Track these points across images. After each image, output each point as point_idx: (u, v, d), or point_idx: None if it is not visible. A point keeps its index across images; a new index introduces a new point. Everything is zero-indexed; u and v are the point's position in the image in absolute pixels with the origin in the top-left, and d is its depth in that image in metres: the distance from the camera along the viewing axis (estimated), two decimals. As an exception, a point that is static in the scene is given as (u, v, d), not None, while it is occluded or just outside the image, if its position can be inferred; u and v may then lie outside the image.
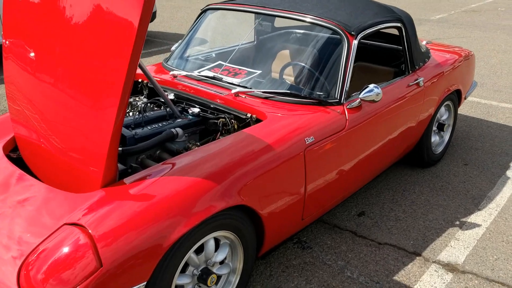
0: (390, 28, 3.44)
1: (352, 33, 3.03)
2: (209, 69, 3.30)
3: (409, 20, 3.61)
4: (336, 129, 2.82)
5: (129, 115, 2.99)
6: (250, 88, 2.98)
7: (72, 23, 2.20)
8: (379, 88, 2.95)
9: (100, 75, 2.08)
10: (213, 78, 3.13)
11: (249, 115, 2.77)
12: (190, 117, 2.93)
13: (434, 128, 4.15)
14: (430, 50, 4.18)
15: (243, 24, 4.47)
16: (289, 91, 2.90)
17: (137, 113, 2.93)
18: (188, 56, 3.68)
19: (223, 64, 3.32)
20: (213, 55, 3.87)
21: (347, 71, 2.97)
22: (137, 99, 3.17)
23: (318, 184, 2.77)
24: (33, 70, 2.42)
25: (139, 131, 2.68)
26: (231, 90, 2.98)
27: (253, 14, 3.66)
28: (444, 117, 4.31)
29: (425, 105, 3.75)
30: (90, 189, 2.14)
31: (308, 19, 3.14)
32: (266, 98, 2.90)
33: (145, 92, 3.33)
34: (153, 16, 8.59)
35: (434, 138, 4.22)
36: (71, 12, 2.20)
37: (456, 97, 4.33)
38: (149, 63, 7.38)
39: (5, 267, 1.94)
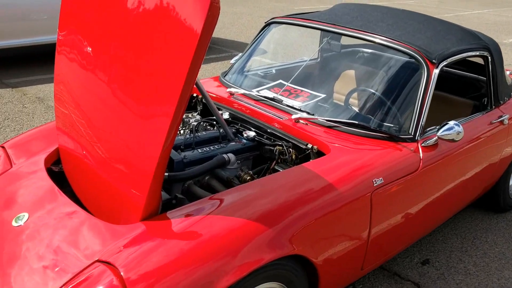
0: (476, 57, 3.05)
1: (434, 61, 2.67)
2: (268, 89, 3.03)
3: (497, 49, 3.21)
4: (408, 170, 2.47)
5: (180, 133, 2.76)
6: (313, 115, 2.67)
7: (131, 19, 1.97)
8: (460, 126, 2.58)
9: (155, 81, 1.83)
10: (273, 99, 2.85)
11: (309, 145, 2.47)
12: (245, 141, 2.66)
13: (514, 170, 3.70)
14: (515, 82, 3.74)
15: (308, 41, 4.18)
16: (356, 122, 2.57)
17: (189, 131, 2.69)
18: (247, 71, 3.42)
19: (284, 84, 3.04)
20: (274, 71, 3.60)
21: (425, 103, 2.61)
22: (189, 115, 2.94)
23: (383, 229, 2.43)
24: (85, 68, 2.22)
25: (188, 154, 2.44)
26: (291, 114, 2.69)
27: (320, 31, 3.37)
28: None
29: (507, 145, 3.32)
30: (130, 219, 1.91)
31: (382, 42, 2.80)
32: (329, 127, 2.59)
33: (199, 108, 3.10)
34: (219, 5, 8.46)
35: (512, 182, 3.77)
36: (132, 7, 1.97)
37: (542, 136, 3.85)
38: (206, 70, 7.23)
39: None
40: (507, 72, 3.87)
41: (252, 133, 2.68)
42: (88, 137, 2.24)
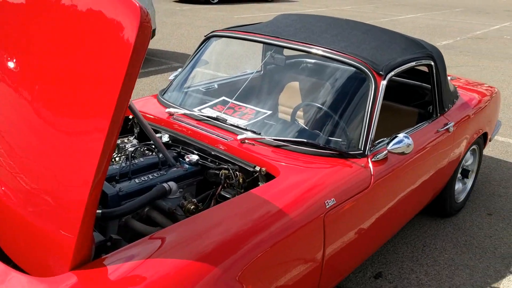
0: (421, 65, 3.02)
1: (381, 72, 2.61)
2: (211, 107, 2.87)
3: (440, 57, 3.21)
4: (360, 187, 2.38)
5: (114, 160, 2.53)
6: (259, 134, 2.53)
7: (55, 30, 1.73)
8: (410, 138, 2.52)
9: (86, 99, 1.61)
10: (216, 119, 2.68)
11: (257, 168, 2.33)
12: (187, 166, 2.48)
13: (458, 175, 3.72)
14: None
15: (251, 53, 4.06)
16: (305, 140, 2.45)
17: (124, 159, 2.47)
18: (188, 88, 3.24)
19: (228, 101, 2.88)
20: (216, 86, 3.45)
21: (373, 117, 2.54)
22: (125, 140, 2.71)
23: (337, 249, 2.33)
24: (4, 86, 1.95)
25: (124, 185, 2.23)
26: (236, 134, 2.54)
27: (263, 44, 3.24)
28: (469, 162, 3.89)
29: (453, 151, 3.33)
30: (57, 268, 1.68)
31: (328, 54, 2.71)
32: (277, 146, 2.46)
33: (135, 131, 2.88)
34: (153, 34, 8.19)
35: (457, 186, 3.79)
36: (59, 17, 1.73)
37: (482, 139, 3.92)
38: (145, 84, 6.96)
39: None
40: (449, 78, 3.91)
41: (195, 157, 2.51)
42: (8, 168, 1.97)
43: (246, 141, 2.49)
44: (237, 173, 2.38)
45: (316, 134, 2.61)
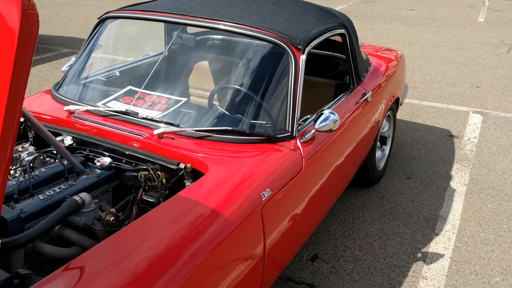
0: (335, 35, 2.89)
1: (299, 46, 2.43)
2: (117, 99, 2.53)
3: (351, 25, 3.11)
4: (293, 172, 2.22)
5: (9, 175, 2.14)
6: (178, 126, 2.27)
7: None
8: (336, 114, 2.39)
9: None
10: (126, 113, 2.36)
11: (182, 165, 2.07)
12: (99, 171, 2.16)
13: (377, 143, 3.72)
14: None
15: (151, 35, 3.71)
16: (229, 128, 2.23)
17: (22, 171, 2.08)
18: (86, 79, 2.86)
19: (136, 91, 2.56)
20: (118, 73, 3.09)
21: (297, 95, 2.37)
22: (19, 148, 2.30)
23: (276, 239, 2.16)
24: None
25: (26, 204, 1.87)
26: (152, 129, 2.25)
27: (165, 23, 2.93)
28: (385, 129, 3.91)
29: (372, 120, 3.29)
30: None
31: (240, 30, 2.48)
32: (200, 138, 2.22)
33: (30, 135, 2.47)
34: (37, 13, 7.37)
35: (377, 154, 3.80)
36: None
37: (395, 105, 3.95)
38: (32, 75, 6.27)
39: None
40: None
41: (106, 159, 2.18)
42: None
43: (164, 135, 2.21)
44: (159, 173, 2.11)
45: (239, 119, 2.40)
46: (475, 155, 4.47)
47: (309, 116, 2.58)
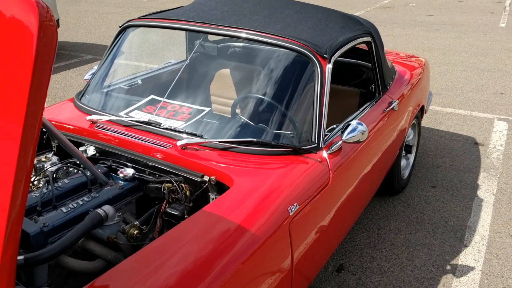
0: (361, 43, 2.83)
1: (325, 55, 2.37)
2: (140, 108, 2.50)
3: (376, 32, 3.04)
4: (320, 184, 2.16)
5: (32, 185, 2.11)
6: (202, 137, 2.22)
7: None
8: (364, 125, 2.32)
9: None
10: (148, 123, 2.33)
11: (206, 177, 2.02)
12: (122, 182, 2.12)
13: (402, 151, 3.64)
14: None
15: (173, 43, 3.69)
16: (255, 140, 2.17)
17: (45, 183, 2.05)
18: (109, 87, 2.84)
19: (159, 101, 2.53)
20: (140, 82, 3.07)
21: (323, 105, 2.31)
22: (43, 158, 2.27)
23: (304, 252, 2.09)
24: None
25: (49, 217, 1.84)
26: (175, 140, 2.21)
27: (186, 32, 2.90)
28: (410, 137, 3.82)
29: (398, 129, 3.21)
30: None
31: (265, 39, 2.43)
32: (223, 149, 2.17)
33: (54, 144, 2.45)
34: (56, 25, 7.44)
35: (402, 162, 3.71)
36: None
37: (420, 113, 3.86)
38: (56, 81, 6.31)
39: None
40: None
41: (130, 171, 2.15)
42: None
43: (188, 146, 2.17)
44: (182, 185, 2.06)
45: (263, 130, 2.35)
46: (502, 163, 4.35)
47: (335, 126, 2.52)
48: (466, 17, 11.92)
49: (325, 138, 2.33)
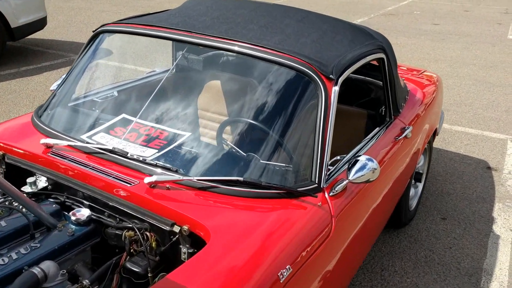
0: (372, 60, 2.42)
1: (331, 76, 1.97)
2: (107, 131, 2.09)
3: (390, 47, 2.64)
4: (320, 237, 1.75)
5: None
6: (176, 172, 1.81)
7: None
8: (375, 161, 1.92)
9: None
10: (113, 151, 1.91)
11: (177, 227, 1.61)
12: (74, 227, 1.71)
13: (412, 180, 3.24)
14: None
15: (159, 49, 3.27)
16: (241, 179, 1.76)
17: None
18: (75, 102, 2.43)
19: (130, 121, 2.12)
20: (116, 93, 2.66)
21: (327, 136, 1.90)
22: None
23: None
24: None
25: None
26: (144, 174, 1.80)
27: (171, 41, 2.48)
28: (420, 164, 3.42)
29: (409, 157, 2.81)
30: None
31: (261, 54, 2.02)
32: (202, 188, 1.76)
33: (0, 170, 2.03)
34: (43, 22, 7.02)
35: (411, 192, 3.31)
36: None
37: (433, 136, 3.46)
38: (38, 83, 5.89)
39: None
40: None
41: (85, 212, 1.73)
42: None
43: (158, 184, 1.75)
44: (148, 234, 1.65)
45: (253, 163, 1.94)
46: (518, 192, 3.96)
47: (339, 157, 2.11)
48: (472, 27, 11.55)
49: (328, 175, 1.92)
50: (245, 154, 2.02)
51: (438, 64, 7.96)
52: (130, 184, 1.75)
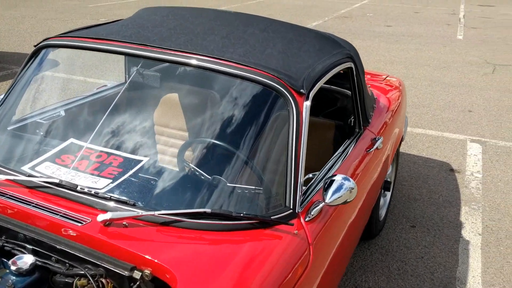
0: (342, 70, 2.28)
1: (302, 90, 1.81)
2: (53, 159, 1.85)
3: (357, 55, 2.52)
4: (298, 268, 1.59)
5: None
6: (134, 205, 1.60)
7: None
8: (351, 180, 1.77)
9: None
10: (61, 184, 1.67)
11: (138, 273, 1.40)
12: (15, 278, 1.47)
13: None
14: (369, 88, 3.15)
15: (107, 60, 3.03)
16: (209, 210, 1.57)
17: None
18: (15, 125, 2.17)
19: (80, 146, 1.89)
20: (62, 113, 2.41)
21: (300, 155, 1.74)
22: None
23: None
24: None
25: None
26: (97, 210, 1.58)
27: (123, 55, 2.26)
28: (389, 172, 3.32)
29: (380, 167, 2.69)
30: None
31: (222, 68, 1.84)
32: (165, 223, 1.56)
33: None
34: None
35: (381, 201, 3.20)
36: None
37: (399, 143, 3.37)
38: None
39: None
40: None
41: (28, 259, 1.50)
42: None
43: (113, 222, 1.54)
44: (103, 281, 1.44)
45: (220, 190, 1.75)
46: (482, 194, 3.94)
47: (311, 175, 1.96)
48: (423, 29, 11.78)
49: (303, 200, 1.76)
50: (210, 178, 1.84)
51: (393, 66, 8.01)
52: (81, 222, 1.53)
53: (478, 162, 4.56)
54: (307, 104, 1.79)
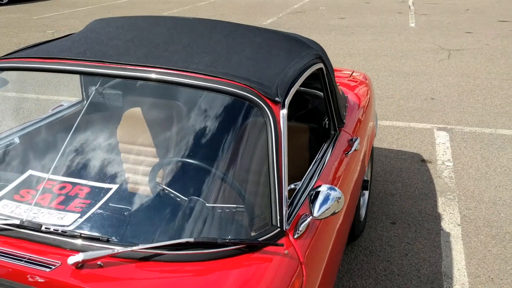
0: (313, 72, 2.17)
1: (277, 99, 1.69)
2: (10, 196, 1.66)
3: (325, 55, 2.42)
4: (290, 286, 1.47)
5: None
6: (108, 242, 1.44)
7: None
8: (337, 189, 1.67)
9: None
10: (22, 226, 1.50)
11: (119, 320, 1.26)
12: None
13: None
14: (338, 86, 3.07)
15: (61, 79, 2.84)
16: (192, 240, 1.43)
17: None
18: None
19: (41, 178, 1.71)
20: (16, 140, 2.22)
21: (282, 167, 1.62)
22: None
23: None
24: None
25: None
26: (66, 251, 1.42)
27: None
28: (366, 171, 3.25)
29: (359, 168, 2.61)
30: None
31: (190, 81, 1.70)
32: (144, 258, 1.41)
33: None
34: None
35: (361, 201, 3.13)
36: None
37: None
38: None
39: None
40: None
41: (-8, 315, 1.33)
42: None
43: (86, 262, 1.38)
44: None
45: (198, 212, 1.62)
46: (455, 183, 3.94)
47: (293, 185, 1.85)
48: (376, 18, 11.89)
49: (289, 215, 1.65)
50: (186, 199, 1.70)
51: (353, 58, 8.02)
52: (50, 267, 1.36)
53: (448, 150, 4.57)
54: (283, 112, 1.68)
